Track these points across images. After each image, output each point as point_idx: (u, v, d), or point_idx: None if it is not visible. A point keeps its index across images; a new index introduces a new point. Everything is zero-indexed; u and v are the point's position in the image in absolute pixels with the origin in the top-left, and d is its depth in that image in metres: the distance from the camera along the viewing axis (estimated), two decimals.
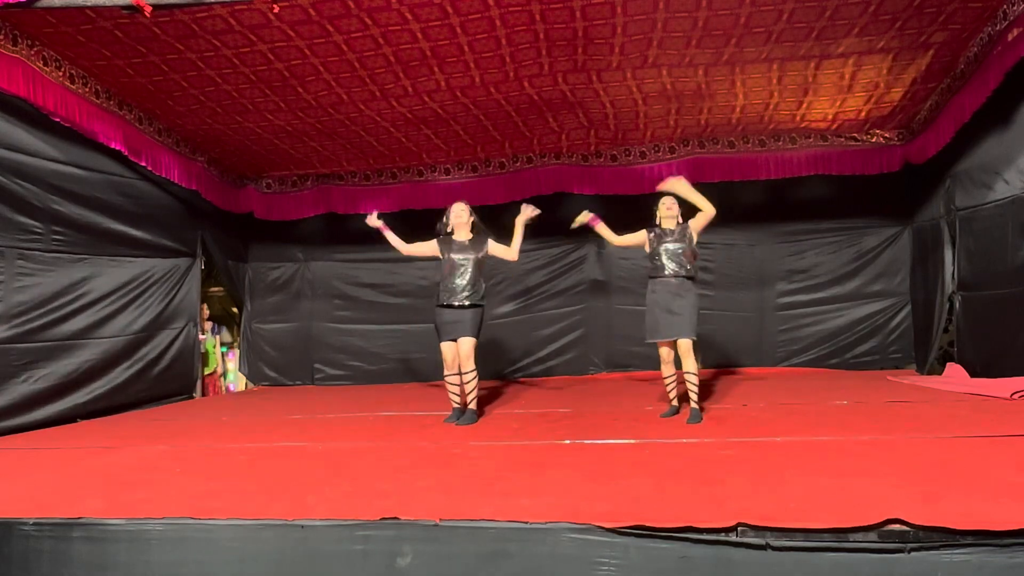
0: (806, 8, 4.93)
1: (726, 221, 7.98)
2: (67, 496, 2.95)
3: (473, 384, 4.85)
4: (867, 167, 7.34)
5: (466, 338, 4.80)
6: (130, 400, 6.35)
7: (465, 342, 4.79)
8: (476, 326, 4.85)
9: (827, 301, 7.81)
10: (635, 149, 7.59)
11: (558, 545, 2.24)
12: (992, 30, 5.18)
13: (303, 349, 8.48)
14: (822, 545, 2.10)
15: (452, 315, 4.82)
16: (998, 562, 2.01)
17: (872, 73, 5.98)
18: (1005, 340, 5.49)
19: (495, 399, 6.05)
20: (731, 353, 7.88)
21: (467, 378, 4.83)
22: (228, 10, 4.62)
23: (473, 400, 4.89)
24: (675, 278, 4.73)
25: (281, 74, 5.55)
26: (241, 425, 5.14)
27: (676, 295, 4.69)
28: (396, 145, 7.24)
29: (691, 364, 4.69)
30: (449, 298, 4.83)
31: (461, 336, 4.80)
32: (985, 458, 3.01)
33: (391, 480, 3.06)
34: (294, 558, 2.38)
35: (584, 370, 8.07)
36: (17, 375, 5.15)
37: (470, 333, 4.81)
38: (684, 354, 4.69)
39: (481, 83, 5.88)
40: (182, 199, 7.11)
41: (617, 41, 5.29)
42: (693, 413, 4.56)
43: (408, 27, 4.94)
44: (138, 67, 5.39)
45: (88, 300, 5.90)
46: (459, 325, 4.81)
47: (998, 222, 5.61)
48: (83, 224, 5.83)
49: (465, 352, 4.79)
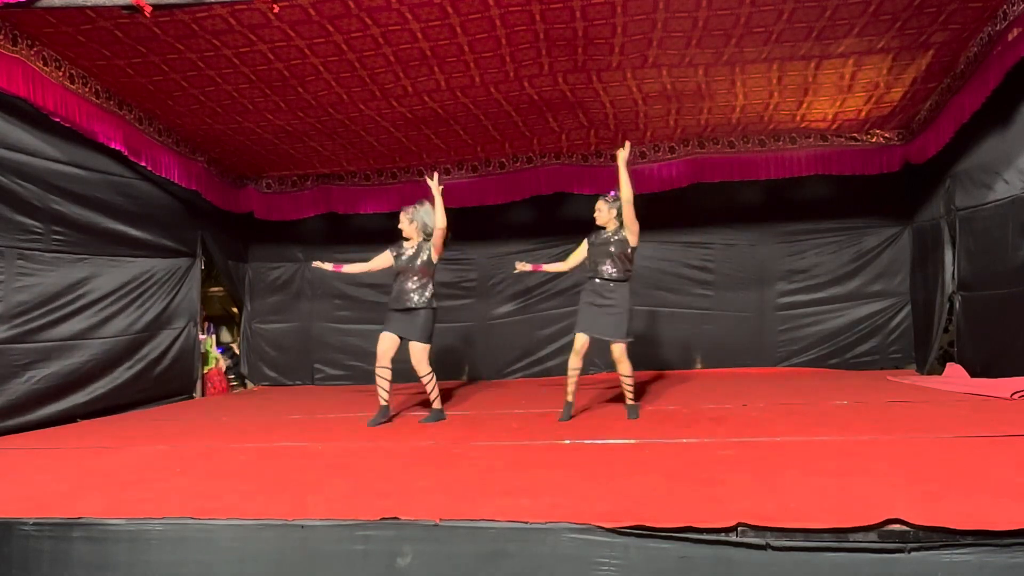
0: (806, 8, 4.93)
1: (726, 221, 8.07)
2: (67, 496, 2.95)
3: (433, 385, 4.97)
4: (867, 167, 7.34)
5: (417, 343, 4.87)
6: (130, 400, 6.36)
7: (416, 347, 4.87)
8: (427, 330, 4.92)
9: (827, 301, 7.81)
10: (635, 149, 7.57)
11: (558, 545, 2.24)
12: (992, 30, 5.17)
13: (303, 349, 8.49)
14: (822, 545, 2.10)
15: (402, 316, 4.92)
16: (998, 562, 2.00)
17: (872, 73, 5.98)
18: (1005, 340, 5.49)
19: (495, 399, 6.05)
20: (731, 353, 7.88)
21: (425, 380, 4.93)
22: (228, 10, 4.62)
23: (436, 399, 5.00)
24: (605, 280, 4.79)
25: (281, 74, 5.56)
26: (241, 425, 5.14)
27: (605, 296, 4.76)
28: (396, 145, 7.24)
29: (626, 368, 4.80)
30: (398, 303, 4.92)
31: (412, 339, 4.88)
32: (985, 458, 3.01)
33: (391, 480, 3.06)
34: (294, 558, 2.38)
35: (584, 370, 8.03)
36: (17, 375, 5.15)
37: (420, 338, 4.88)
38: (618, 359, 4.78)
39: (481, 83, 5.88)
40: (182, 199, 7.11)
41: (617, 41, 5.29)
42: (631, 409, 4.79)
43: (408, 27, 4.94)
44: (138, 67, 5.39)
45: (88, 300, 5.90)
46: (411, 327, 4.89)
47: (998, 222, 5.61)
48: (83, 224, 5.83)
49: (417, 357, 4.86)
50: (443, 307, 8.43)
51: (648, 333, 8.02)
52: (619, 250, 4.77)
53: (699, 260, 8.05)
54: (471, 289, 8.30)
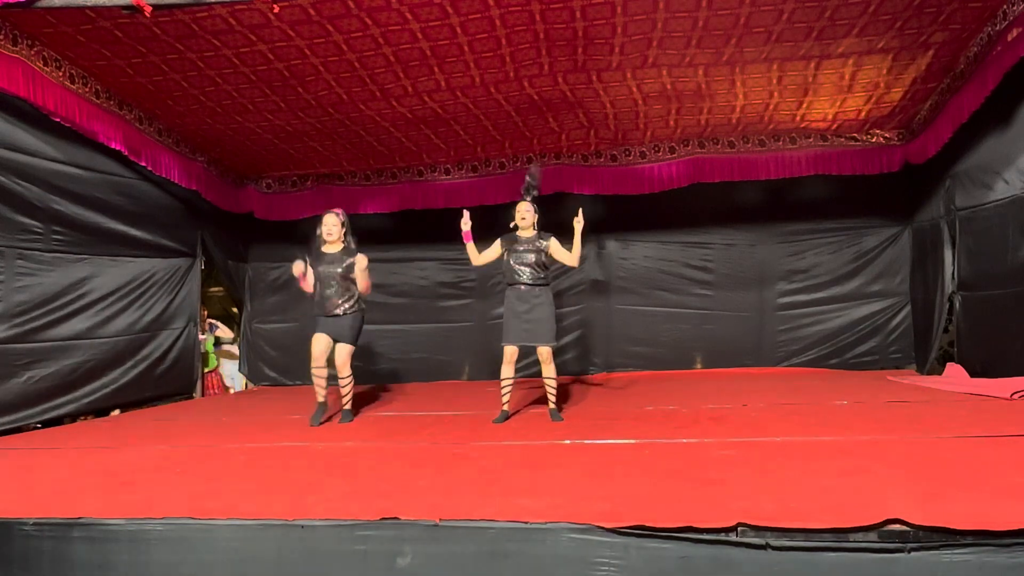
0: (806, 8, 4.93)
1: (726, 221, 8.07)
2: (67, 496, 2.95)
3: (349, 387, 5.04)
4: (867, 167, 7.33)
5: (343, 344, 4.94)
6: (130, 400, 6.36)
7: (342, 348, 4.93)
8: (355, 333, 4.99)
9: (827, 301, 7.81)
10: (635, 149, 7.59)
11: (558, 545, 2.24)
12: (992, 30, 5.18)
13: (303, 349, 8.39)
14: (822, 545, 2.10)
15: (329, 320, 4.97)
16: (998, 562, 2.01)
17: (872, 73, 5.98)
18: (1005, 340, 5.49)
19: (495, 399, 6.04)
20: (731, 353, 7.88)
21: (344, 382, 4.99)
22: (228, 10, 4.62)
23: (348, 401, 5.06)
24: (529, 286, 4.82)
25: (281, 74, 5.55)
26: (241, 425, 5.14)
27: (529, 303, 4.80)
28: (396, 145, 7.24)
29: (550, 371, 4.86)
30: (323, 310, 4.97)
31: (339, 341, 4.93)
32: (985, 458, 3.01)
33: (391, 480, 3.06)
34: (294, 558, 2.38)
35: (584, 370, 8.07)
36: (17, 375, 5.15)
37: (348, 340, 4.95)
38: (544, 361, 4.84)
39: (481, 83, 5.88)
40: (182, 199, 7.11)
41: (617, 41, 5.29)
42: (552, 412, 4.82)
43: (408, 27, 4.94)
44: (138, 67, 5.39)
45: (88, 300, 5.90)
46: (338, 330, 4.95)
47: (998, 222, 5.61)
48: (83, 224, 5.83)
49: (342, 358, 4.93)
50: (443, 307, 8.54)
51: (648, 333, 8.02)
52: (539, 258, 4.85)
53: (699, 260, 8.05)
54: (471, 289, 8.30)
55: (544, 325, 4.79)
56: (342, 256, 5.02)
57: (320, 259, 5.03)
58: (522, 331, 4.80)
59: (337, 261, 5.00)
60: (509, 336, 4.86)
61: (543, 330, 4.79)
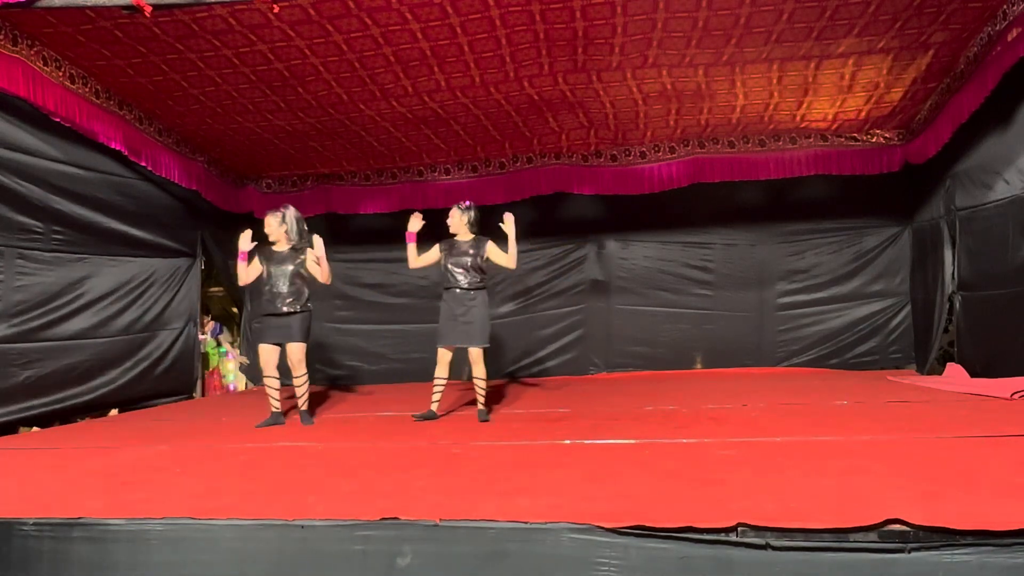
0: (806, 8, 4.93)
1: (726, 221, 8.07)
2: (67, 496, 2.94)
3: (305, 387, 5.03)
4: (867, 167, 7.34)
5: (295, 344, 4.93)
6: (130, 400, 6.36)
7: (294, 347, 4.93)
8: (304, 331, 4.98)
9: (827, 301, 7.82)
10: (635, 149, 7.59)
11: (558, 545, 2.24)
12: (992, 30, 5.18)
13: None
14: (822, 545, 2.10)
15: (278, 321, 4.93)
16: (998, 562, 2.00)
17: (872, 73, 5.98)
18: (1005, 340, 5.49)
19: (495, 399, 6.05)
20: (731, 353, 7.88)
21: (299, 382, 5.00)
22: (228, 10, 4.62)
23: (305, 402, 5.05)
24: (464, 290, 4.89)
25: (281, 74, 5.56)
26: (241, 425, 5.13)
27: (465, 305, 4.88)
28: (396, 145, 7.24)
29: (480, 371, 4.97)
30: (272, 308, 4.93)
31: (289, 341, 4.93)
32: (985, 458, 3.01)
33: (391, 480, 3.06)
34: (294, 558, 2.38)
35: (584, 370, 8.07)
36: (17, 375, 5.15)
37: (299, 338, 4.94)
38: (475, 361, 4.95)
39: (481, 83, 5.88)
40: (182, 199, 7.11)
41: (617, 41, 5.29)
42: (480, 413, 4.93)
43: (408, 27, 4.94)
44: (138, 67, 5.39)
45: (88, 300, 5.90)
46: (286, 331, 4.93)
47: (998, 222, 5.61)
48: (83, 224, 5.83)
49: (297, 356, 4.94)
50: None
51: (648, 333, 8.03)
52: (475, 261, 4.91)
53: (699, 260, 8.05)
54: None
55: (478, 327, 4.88)
56: (292, 254, 5.01)
57: (271, 258, 5.01)
58: (457, 333, 4.89)
59: (288, 259, 4.98)
60: (445, 338, 4.95)
61: (477, 332, 4.89)
